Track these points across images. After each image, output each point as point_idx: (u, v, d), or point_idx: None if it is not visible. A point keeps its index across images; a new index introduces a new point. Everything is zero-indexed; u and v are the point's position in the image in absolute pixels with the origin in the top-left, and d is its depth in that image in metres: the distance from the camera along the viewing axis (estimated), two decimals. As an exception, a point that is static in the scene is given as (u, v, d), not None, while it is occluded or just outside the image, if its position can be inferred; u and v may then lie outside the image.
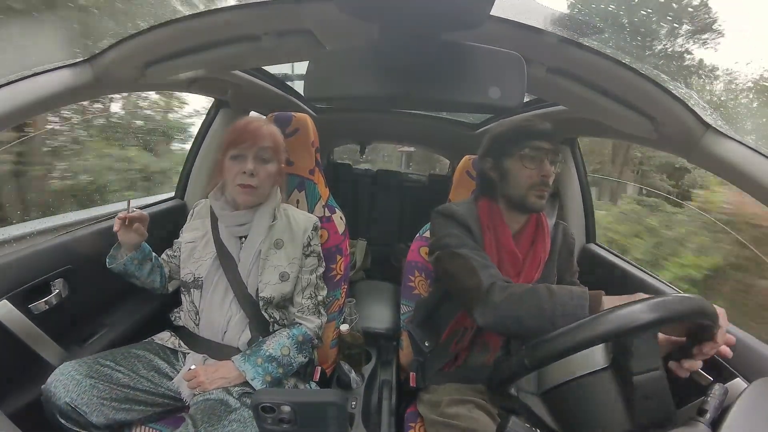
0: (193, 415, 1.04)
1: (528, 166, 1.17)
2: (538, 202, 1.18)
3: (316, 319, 1.35)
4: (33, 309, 1.11)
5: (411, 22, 0.46)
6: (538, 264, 1.23)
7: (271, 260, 1.28)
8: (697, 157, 1.08)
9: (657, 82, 0.96)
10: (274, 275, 1.27)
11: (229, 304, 1.25)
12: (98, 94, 1.16)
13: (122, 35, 1.05)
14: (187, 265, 1.29)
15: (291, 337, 1.25)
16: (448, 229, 1.21)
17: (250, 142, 1.23)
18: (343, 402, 0.72)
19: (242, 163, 1.22)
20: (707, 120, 1.01)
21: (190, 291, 1.27)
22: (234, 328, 1.25)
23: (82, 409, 0.98)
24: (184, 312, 1.30)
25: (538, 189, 1.17)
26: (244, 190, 1.24)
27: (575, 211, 1.97)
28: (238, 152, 1.23)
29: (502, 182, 1.23)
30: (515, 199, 1.21)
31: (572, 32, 0.90)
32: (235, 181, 1.23)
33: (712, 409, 0.71)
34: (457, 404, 1.14)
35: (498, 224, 1.22)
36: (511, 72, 0.58)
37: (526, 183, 1.17)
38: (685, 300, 0.69)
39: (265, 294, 1.24)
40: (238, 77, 1.71)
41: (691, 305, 0.69)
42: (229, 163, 1.23)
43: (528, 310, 0.94)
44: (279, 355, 1.20)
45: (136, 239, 1.21)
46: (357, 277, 2.92)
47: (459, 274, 1.11)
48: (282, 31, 1.02)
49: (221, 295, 1.25)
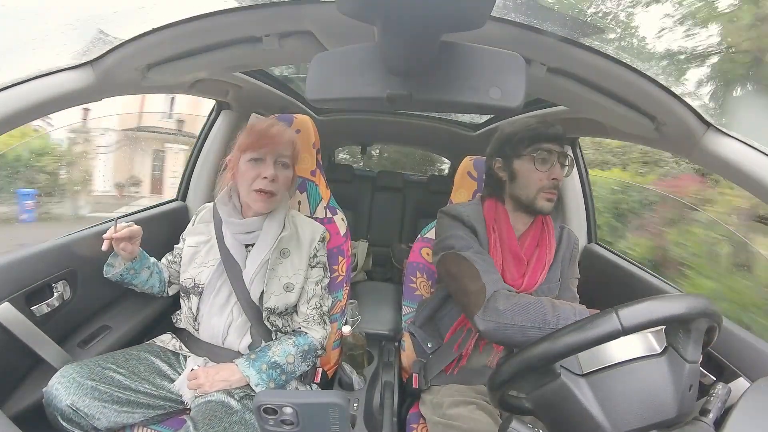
0: (194, 416, 1.04)
1: (539, 169, 1.17)
2: (546, 204, 1.18)
3: (321, 329, 1.34)
4: (35, 311, 1.11)
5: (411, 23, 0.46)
6: (543, 266, 1.22)
7: (277, 270, 1.26)
8: (699, 156, 1.08)
9: (657, 81, 0.96)
10: (279, 286, 1.25)
11: (231, 310, 1.24)
12: (101, 96, 1.16)
13: (123, 38, 1.06)
14: (188, 270, 1.28)
15: (296, 345, 1.24)
16: (454, 230, 1.21)
17: (272, 146, 1.20)
18: (345, 403, 0.72)
19: (261, 168, 1.20)
20: (708, 119, 1.01)
21: (189, 297, 1.26)
22: (234, 332, 1.24)
23: (84, 412, 0.98)
24: (184, 316, 1.30)
25: (547, 192, 1.17)
26: (262, 197, 1.21)
27: (577, 211, 1.97)
28: (258, 156, 1.20)
29: (511, 183, 1.23)
30: (524, 200, 1.20)
31: (572, 32, 0.90)
32: (252, 186, 1.20)
33: (715, 409, 0.70)
34: (459, 405, 1.14)
35: (503, 225, 1.22)
36: (511, 72, 0.57)
37: (536, 185, 1.17)
38: (691, 299, 0.68)
39: (269, 304, 1.23)
40: (239, 79, 1.71)
41: (697, 306, 0.69)
42: (246, 167, 1.20)
43: (532, 321, 0.94)
44: (284, 363, 1.19)
45: (128, 253, 1.20)
46: (358, 279, 2.92)
47: (462, 278, 1.11)
48: (283, 33, 1.03)
49: (223, 301, 1.24)
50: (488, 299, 1.01)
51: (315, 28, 0.97)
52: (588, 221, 1.98)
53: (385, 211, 3.67)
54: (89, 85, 1.09)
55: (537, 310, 0.96)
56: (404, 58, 0.55)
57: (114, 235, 1.14)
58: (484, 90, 0.58)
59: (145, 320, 1.46)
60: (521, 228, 1.25)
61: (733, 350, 1.04)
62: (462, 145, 2.99)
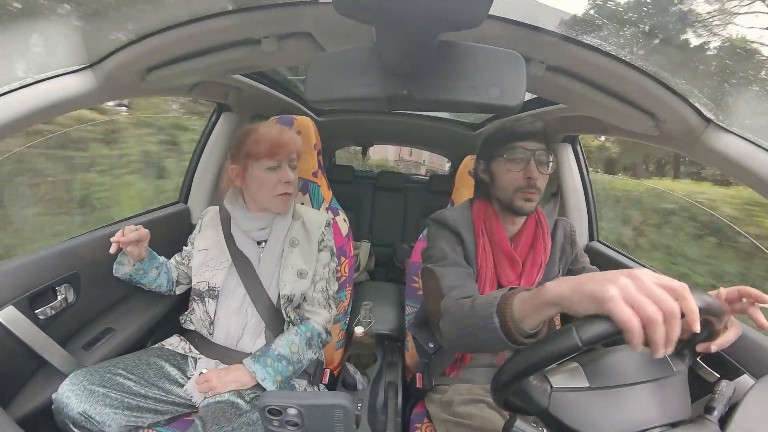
0: (203, 416, 1.05)
1: (512, 169, 1.14)
2: (525, 205, 1.14)
3: (325, 312, 1.36)
4: (39, 314, 1.11)
5: (408, 23, 0.46)
6: (539, 266, 1.21)
7: (289, 259, 1.31)
8: (700, 152, 1.07)
9: (657, 78, 0.95)
10: (292, 273, 1.29)
11: (245, 311, 1.26)
12: (101, 100, 1.16)
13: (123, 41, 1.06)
14: (200, 273, 1.30)
15: (299, 333, 1.26)
16: (437, 240, 1.20)
17: (286, 152, 1.26)
18: (350, 405, 0.71)
19: (280, 174, 1.26)
20: (708, 115, 1.01)
21: (204, 300, 1.28)
22: (249, 333, 1.26)
23: (96, 419, 0.98)
24: (197, 319, 1.30)
25: (524, 192, 1.13)
26: (285, 198, 1.29)
27: (577, 209, 1.97)
28: (276, 163, 1.25)
29: (492, 185, 1.21)
30: (504, 202, 1.18)
31: (571, 30, 0.89)
32: (274, 191, 1.26)
33: (719, 407, 0.70)
34: (468, 404, 1.14)
35: (494, 228, 1.20)
36: (510, 71, 0.57)
37: (512, 186, 1.14)
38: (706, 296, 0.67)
39: (285, 291, 1.26)
40: (239, 81, 1.72)
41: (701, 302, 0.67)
42: (266, 175, 1.25)
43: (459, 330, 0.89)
44: (288, 353, 1.20)
45: (136, 256, 1.25)
46: (361, 279, 2.92)
47: (429, 294, 1.12)
48: (282, 35, 1.03)
49: (238, 302, 1.26)
50: (442, 313, 0.99)
51: (314, 30, 0.97)
52: (589, 219, 1.98)
53: (387, 212, 3.67)
54: (90, 88, 1.10)
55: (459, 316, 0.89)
56: (403, 58, 0.55)
57: (122, 239, 1.18)
58: (484, 89, 0.57)
59: (149, 322, 1.47)
60: (513, 228, 1.23)
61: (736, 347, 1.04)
62: (462, 145, 2.99)
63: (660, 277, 0.54)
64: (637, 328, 0.50)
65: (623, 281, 0.54)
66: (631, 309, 0.51)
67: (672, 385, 0.69)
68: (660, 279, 0.54)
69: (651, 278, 0.54)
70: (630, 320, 0.50)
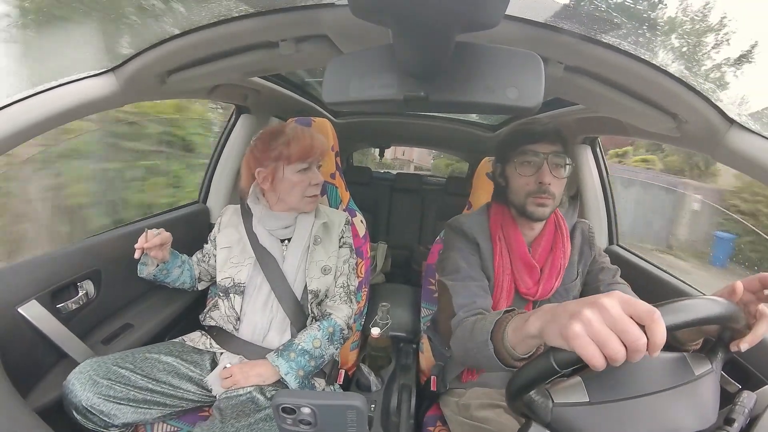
0: (222, 408, 1.06)
1: (522, 173, 1.12)
2: (537, 210, 1.11)
3: (346, 308, 1.38)
4: (61, 309, 1.15)
5: (425, 24, 0.46)
6: (558, 271, 1.18)
7: (314, 256, 1.34)
8: (722, 154, 1.04)
9: (678, 77, 0.93)
10: (317, 270, 1.33)
11: (271, 306, 1.28)
12: (122, 102, 1.19)
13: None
14: (225, 270, 1.32)
15: (321, 329, 1.27)
16: (452, 250, 1.20)
17: (316, 155, 1.31)
18: (364, 405, 0.72)
19: (310, 175, 1.31)
20: (731, 115, 0.98)
21: (230, 296, 1.30)
22: (275, 329, 1.28)
23: (99, 409, 1.00)
24: (222, 315, 1.32)
25: (536, 197, 1.10)
26: (315, 199, 1.36)
27: (597, 212, 1.94)
28: (307, 166, 1.30)
29: (507, 190, 1.19)
30: (517, 207, 1.16)
31: (589, 29, 0.88)
32: (305, 192, 1.32)
33: (740, 418, 0.67)
34: (486, 408, 1.13)
35: (511, 233, 1.18)
36: (528, 72, 0.57)
37: (523, 191, 1.12)
38: (711, 303, 0.64)
39: (312, 287, 1.30)
40: (257, 83, 1.74)
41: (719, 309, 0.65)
42: (298, 177, 1.30)
43: (463, 351, 0.92)
44: (311, 348, 1.21)
45: (160, 258, 1.29)
46: (377, 280, 2.92)
47: (441, 309, 1.13)
48: (299, 38, 1.04)
49: (264, 298, 1.28)
50: (452, 331, 1.01)
51: (331, 32, 0.97)
52: (609, 222, 1.95)
53: (404, 213, 3.67)
54: (112, 91, 1.12)
55: (463, 337, 0.93)
56: (420, 59, 0.55)
57: (145, 245, 1.21)
58: (501, 90, 0.57)
59: (167, 318, 1.49)
60: (531, 234, 1.21)
61: (759, 356, 1.00)
62: (480, 146, 2.98)
63: (630, 304, 0.52)
64: (600, 363, 0.50)
65: (587, 315, 0.52)
66: (594, 345, 0.51)
67: (691, 393, 0.66)
68: (629, 306, 0.52)
69: (618, 307, 0.52)
70: (593, 357, 0.50)
